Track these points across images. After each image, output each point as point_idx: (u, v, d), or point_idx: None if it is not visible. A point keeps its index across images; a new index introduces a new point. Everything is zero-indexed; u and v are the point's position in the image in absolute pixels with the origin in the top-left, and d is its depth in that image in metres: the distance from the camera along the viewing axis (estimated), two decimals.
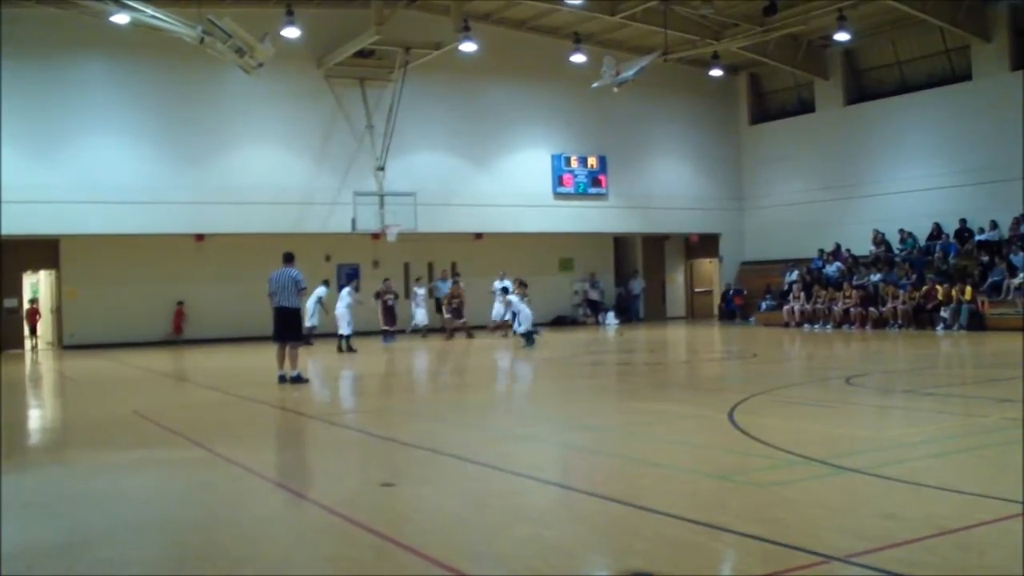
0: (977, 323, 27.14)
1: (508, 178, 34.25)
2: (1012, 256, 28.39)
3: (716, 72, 36.35)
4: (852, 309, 30.53)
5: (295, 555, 6.43)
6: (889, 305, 29.30)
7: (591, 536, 6.90)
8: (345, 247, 33.33)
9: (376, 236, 32.11)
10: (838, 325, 30.75)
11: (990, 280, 28.31)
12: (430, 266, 35.37)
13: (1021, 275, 27.64)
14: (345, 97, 32.14)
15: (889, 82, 35.45)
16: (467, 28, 30.21)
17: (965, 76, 33.01)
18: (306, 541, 6.80)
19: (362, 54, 31.26)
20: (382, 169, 32.06)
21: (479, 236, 34.65)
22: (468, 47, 30.55)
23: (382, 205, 31.88)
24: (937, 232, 32.11)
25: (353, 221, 31.57)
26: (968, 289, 27.94)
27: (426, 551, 6.27)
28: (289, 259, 17.48)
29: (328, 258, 33.37)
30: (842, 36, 31.35)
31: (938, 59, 34.09)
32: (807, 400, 14.07)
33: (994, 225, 30.92)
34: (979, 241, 30.64)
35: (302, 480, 9.29)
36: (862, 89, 36.64)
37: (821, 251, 34.93)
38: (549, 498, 8.07)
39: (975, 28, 31.64)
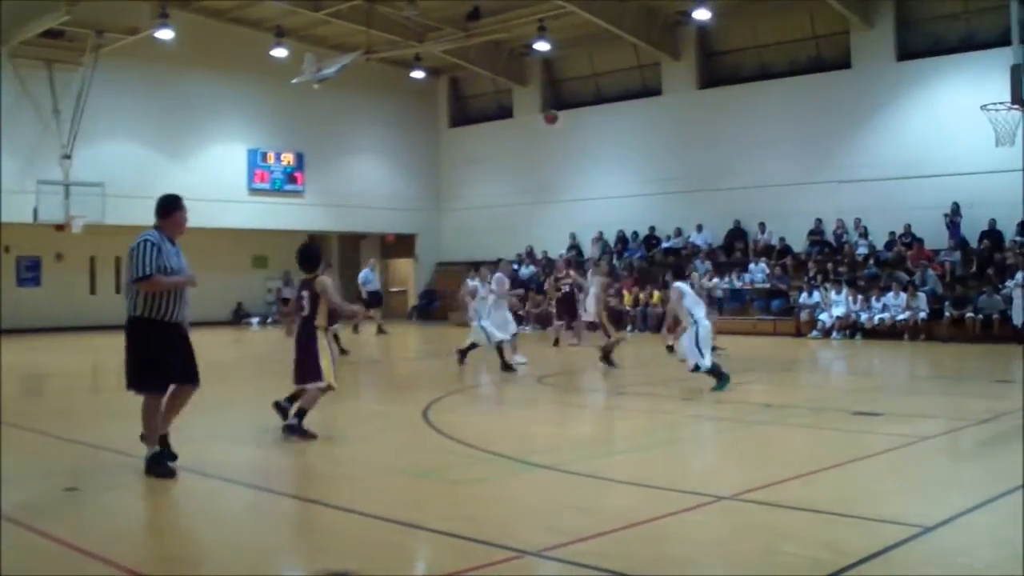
0: (658, 327, 28.70)
1: (202, 171, 34.47)
2: (699, 263, 30.30)
3: (418, 74, 38.02)
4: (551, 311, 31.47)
5: None
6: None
7: (285, 537, 7.11)
8: (26, 238, 31.89)
9: (60, 227, 30.66)
10: (543, 327, 31.50)
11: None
12: (118, 261, 34.00)
13: (704, 280, 29.41)
14: (30, 79, 30.67)
15: (585, 93, 38.59)
16: (165, 15, 29.68)
17: (656, 91, 37.19)
18: None
19: (50, 34, 29.73)
20: (68, 157, 30.93)
21: None
22: (165, 35, 30.14)
23: (68, 195, 30.46)
24: (623, 238, 33.81)
25: (35, 211, 30.35)
26: (656, 294, 29.46)
27: (114, 558, 6.21)
28: None
29: (8, 250, 32.33)
30: (542, 46, 33.20)
31: (632, 73, 37.34)
32: (500, 398, 14.54)
33: (679, 232, 35.12)
34: (666, 248, 32.33)
35: None
36: (559, 98, 38.51)
37: (519, 254, 35.67)
38: (242, 500, 8.15)
39: (666, 47, 35.98)
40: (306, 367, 10.85)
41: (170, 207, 9.23)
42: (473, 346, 18.51)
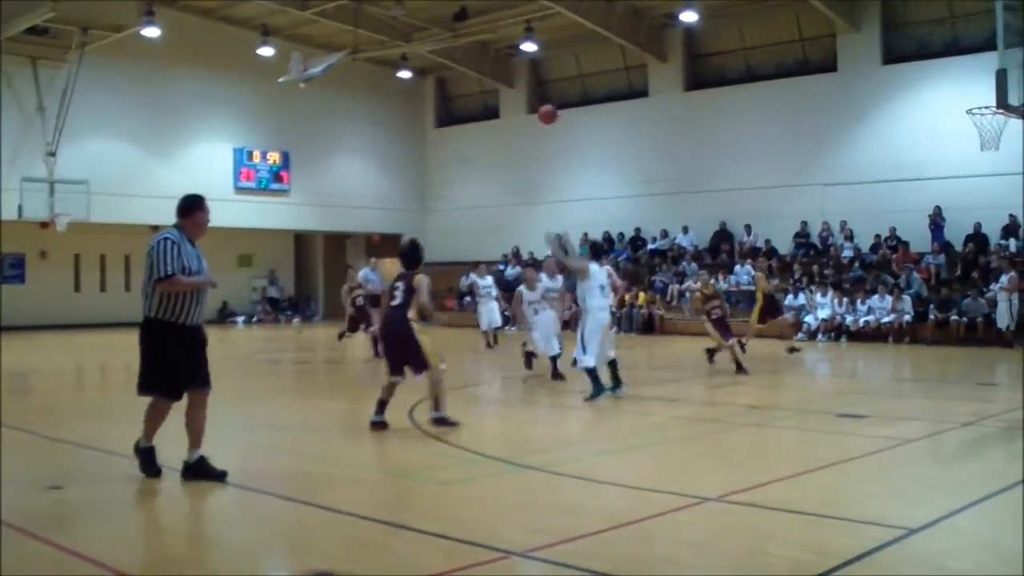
0: (647, 327, 28.91)
1: (188, 170, 34.40)
2: (685, 264, 30.47)
3: (404, 74, 38.09)
4: None
5: None
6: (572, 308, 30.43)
7: (271, 536, 7.03)
8: (10, 235, 31.98)
9: (45, 225, 30.63)
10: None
11: (657, 286, 30.37)
12: (102, 259, 34.01)
13: (687, 282, 29.71)
14: (15, 76, 30.63)
15: (572, 94, 38.61)
16: (151, 12, 29.39)
17: (643, 93, 37.33)
18: None
19: (36, 31, 29.67)
20: (53, 155, 30.83)
21: (156, 228, 33.26)
22: (151, 32, 30.09)
23: (52, 192, 30.31)
24: (610, 239, 34.08)
25: (19, 208, 30.10)
26: (642, 295, 29.68)
27: (98, 557, 6.27)
28: None
29: None
30: (529, 46, 33.21)
31: (618, 75, 37.20)
32: (487, 399, 14.49)
33: (665, 234, 35.26)
34: (652, 249, 32.53)
35: None
36: (545, 99, 38.11)
37: (505, 255, 35.73)
38: (228, 499, 8.15)
39: (653, 49, 36.09)
40: (414, 360, 11.19)
41: (191, 207, 8.91)
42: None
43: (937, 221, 28.99)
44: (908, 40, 31.10)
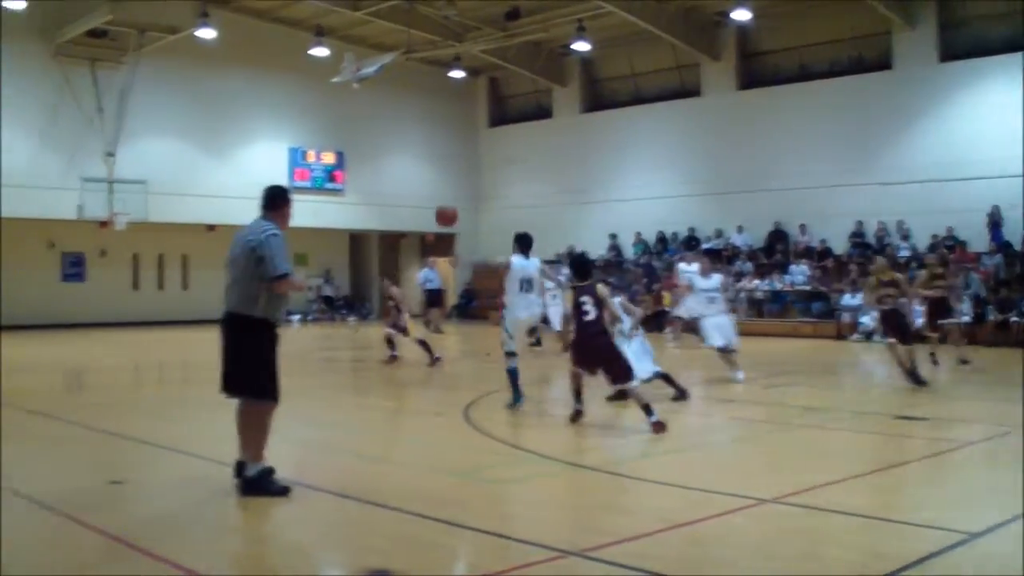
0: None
1: (243, 169, 34.67)
2: (740, 264, 32.97)
3: (457, 73, 38.11)
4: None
5: (17, 556, 6.10)
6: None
7: (328, 534, 7.10)
8: (70, 234, 32.41)
9: (104, 224, 30.97)
10: None
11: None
12: (160, 257, 34.36)
13: (743, 282, 29.82)
14: (74, 77, 31.09)
15: (624, 93, 38.56)
16: (206, 14, 29.88)
17: (695, 92, 37.23)
18: (32, 540, 6.45)
19: (94, 33, 30.19)
20: (112, 155, 31.44)
21: (212, 228, 33.66)
22: (206, 34, 30.34)
23: (111, 192, 30.68)
24: (663, 239, 34.12)
25: (80, 207, 30.49)
26: None
27: (158, 552, 6.22)
28: None
29: (52, 245, 32.88)
30: (581, 46, 33.12)
31: (670, 74, 38.28)
32: (540, 398, 14.39)
33: (719, 234, 35.19)
34: (706, 249, 32.57)
35: (25, 476, 8.72)
36: (598, 98, 38.85)
37: (558, 254, 35.71)
38: (284, 497, 7.91)
39: (706, 48, 36.02)
40: (617, 370, 11.47)
41: (281, 199, 8.31)
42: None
43: (996, 220, 28.74)
44: (965, 37, 30.72)
